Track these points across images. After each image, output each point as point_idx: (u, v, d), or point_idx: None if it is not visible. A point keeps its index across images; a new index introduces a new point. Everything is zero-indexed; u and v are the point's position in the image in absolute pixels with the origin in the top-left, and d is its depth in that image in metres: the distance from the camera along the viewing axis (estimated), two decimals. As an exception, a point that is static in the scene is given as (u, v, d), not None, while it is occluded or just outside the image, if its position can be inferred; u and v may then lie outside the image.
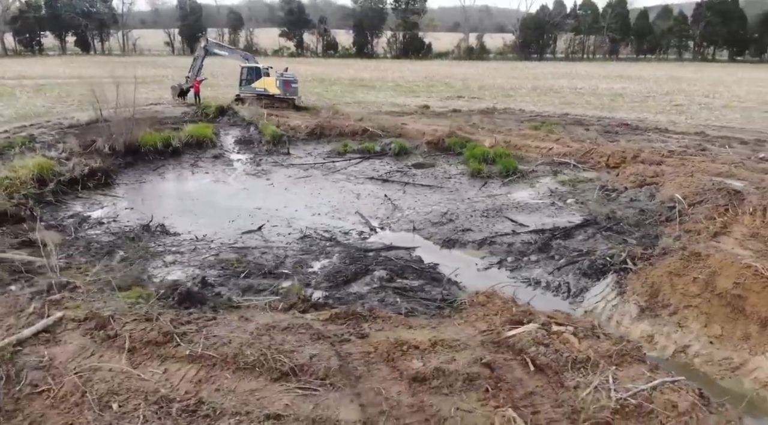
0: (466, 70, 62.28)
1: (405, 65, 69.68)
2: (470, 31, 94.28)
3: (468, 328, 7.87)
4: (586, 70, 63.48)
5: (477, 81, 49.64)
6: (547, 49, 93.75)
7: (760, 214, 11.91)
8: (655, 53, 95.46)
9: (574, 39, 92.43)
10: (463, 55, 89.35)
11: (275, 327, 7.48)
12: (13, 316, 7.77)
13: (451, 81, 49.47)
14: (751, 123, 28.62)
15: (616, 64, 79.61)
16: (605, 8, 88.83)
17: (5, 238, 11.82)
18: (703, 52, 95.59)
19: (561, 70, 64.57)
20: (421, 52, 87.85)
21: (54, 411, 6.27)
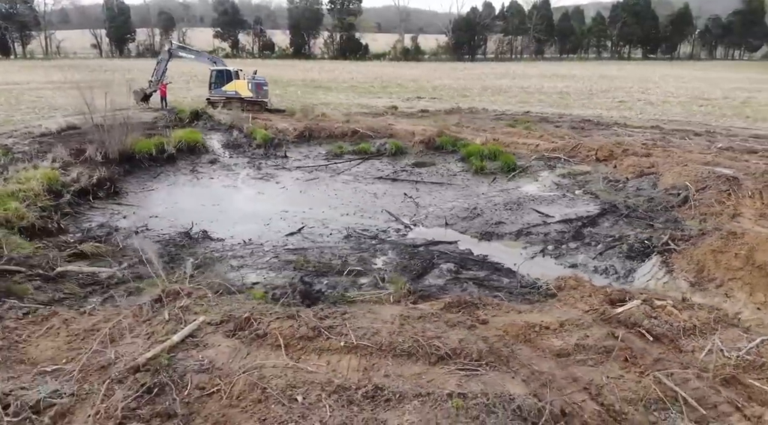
0: (410, 71, 63.58)
1: (349, 66, 70.10)
2: (405, 32, 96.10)
3: (571, 310, 8.66)
4: (522, 70, 66.49)
5: (427, 82, 50.94)
6: (478, 49, 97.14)
7: (759, 197, 13.53)
8: (577, 53, 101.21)
9: (503, 40, 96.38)
10: (400, 55, 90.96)
11: (409, 317, 7.96)
12: (145, 324, 7.79)
13: (403, 82, 50.49)
14: (693, 116, 31.44)
15: (545, 64, 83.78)
16: (530, 10, 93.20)
17: (51, 252, 11.45)
18: (620, 51, 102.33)
19: (499, 70, 67.28)
20: (358, 52, 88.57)
21: (235, 410, 6.46)
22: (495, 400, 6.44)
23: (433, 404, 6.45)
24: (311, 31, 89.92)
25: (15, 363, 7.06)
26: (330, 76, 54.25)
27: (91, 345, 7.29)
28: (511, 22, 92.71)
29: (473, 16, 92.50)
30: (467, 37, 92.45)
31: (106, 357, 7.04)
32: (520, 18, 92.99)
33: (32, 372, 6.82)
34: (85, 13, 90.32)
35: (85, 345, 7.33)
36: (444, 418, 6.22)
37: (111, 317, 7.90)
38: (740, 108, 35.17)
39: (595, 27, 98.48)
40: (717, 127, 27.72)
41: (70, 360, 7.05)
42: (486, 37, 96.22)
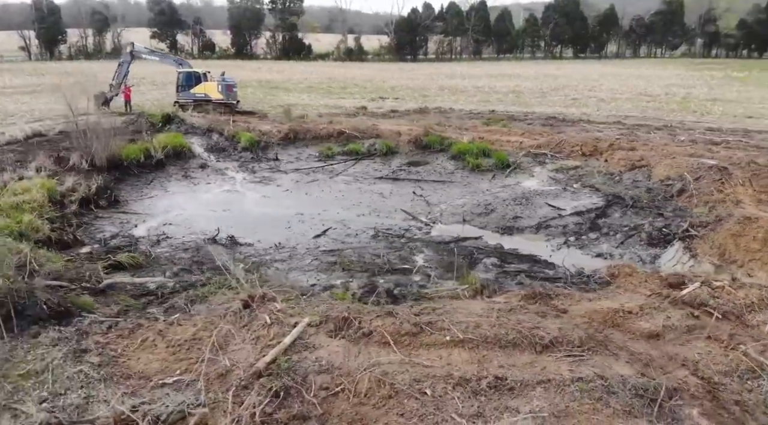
0: (361, 72, 63.78)
1: (298, 66, 69.41)
2: (348, 32, 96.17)
3: (635, 295, 9.23)
4: (468, 71, 68.14)
5: (382, 82, 51.33)
6: (420, 50, 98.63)
7: (749, 184, 14.75)
8: (513, 53, 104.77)
9: (444, 40, 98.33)
10: (344, 56, 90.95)
11: (501, 310, 8.25)
12: (245, 330, 7.68)
13: (358, 82, 50.64)
14: (645, 112, 33.44)
15: (487, 64, 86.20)
16: (468, 11, 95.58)
17: (84, 264, 10.96)
18: (552, 50, 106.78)
19: (446, 71, 68.66)
20: (302, 53, 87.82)
21: (367, 407, 6.55)
22: (611, 381, 6.86)
23: (556, 389, 6.78)
24: (253, 31, 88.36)
25: (123, 379, 6.83)
26: (283, 77, 53.59)
27: (201, 353, 7.14)
28: (451, 23, 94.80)
29: (414, 17, 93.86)
30: (409, 38, 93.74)
31: (221, 364, 6.94)
32: (459, 19, 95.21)
33: (148, 385, 6.63)
34: (8, 12, 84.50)
35: (194, 355, 7.17)
36: (570, 401, 6.55)
37: (207, 326, 7.74)
38: (683, 103, 37.70)
39: (529, 28, 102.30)
40: (671, 121, 29.65)
41: (184, 370, 6.88)
42: (427, 38, 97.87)
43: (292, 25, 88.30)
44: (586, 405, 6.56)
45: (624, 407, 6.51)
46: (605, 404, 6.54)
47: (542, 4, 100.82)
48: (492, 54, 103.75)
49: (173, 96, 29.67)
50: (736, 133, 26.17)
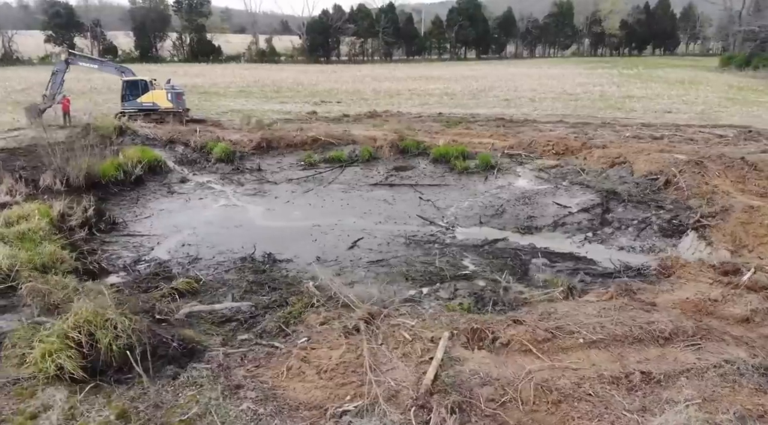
0: (285, 74, 62.57)
1: (216, 69, 66.66)
2: (259, 33, 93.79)
3: (699, 284, 10.12)
4: (389, 73, 69.00)
5: (312, 85, 50.81)
6: (333, 52, 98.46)
7: (725, 176, 16.44)
8: (422, 54, 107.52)
9: (356, 42, 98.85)
10: (255, 57, 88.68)
11: (608, 309, 8.75)
12: (384, 347, 7.58)
13: (289, 85, 49.77)
14: (577, 110, 35.80)
15: (404, 66, 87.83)
16: (378, 13, 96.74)
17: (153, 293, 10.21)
18: (457, 52, 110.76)
19: (369, 73, 69.08)
20: (211, 54, 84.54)
21: (541, 414, 6.77)
22: (737, 364, 7.56)
23: (697, 377, 7.37)
24: (158, 33, 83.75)
25: (293, 411, 6.59)
26: (206, 81, 51.36)
27: (359, 376, 7.00)
28: (361, 25, 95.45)
29: (326, 19, 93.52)
30: (321, 40, 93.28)
31: (385, 385, 6.85)
32: (369, 21, 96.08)
33: (327, 415, 6.42)
34: None
35: (353, 379, 7.00)
36: (713, 387, 7.17)
37: (349, 347, 7.55)
38: (605, 100, 40.76)
39: (435, 30, 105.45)
40: (606, 119, 32.00)
41: (354, 395, 6.72)
42: (339, 40, 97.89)
43: (201, 26, 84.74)
44: (727, 388, 7.21)
45: (755, 385, 7.23)
46: (740, 385, 7.22)
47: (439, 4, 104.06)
48: (402, 56, 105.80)
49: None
50: (668, 127, 28.79)
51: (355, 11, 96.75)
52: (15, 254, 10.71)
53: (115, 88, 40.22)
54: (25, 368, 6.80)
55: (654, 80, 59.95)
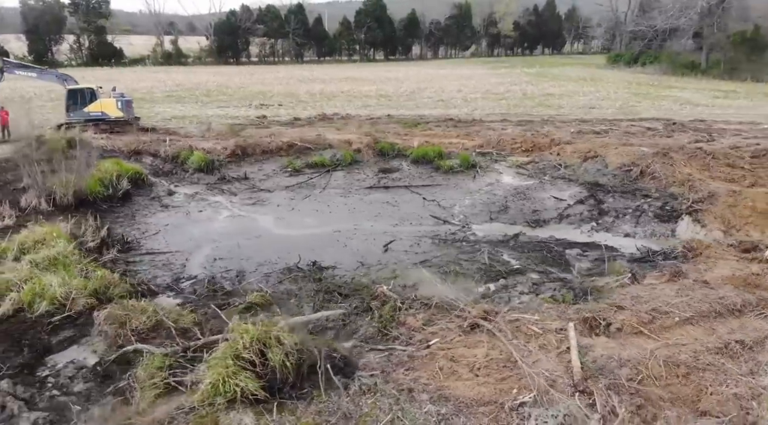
0: (206, 77, 60.02)
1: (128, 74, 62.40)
2: (164, 34, 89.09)
3: (728, 261, 11.48)
4: (311, 74, 68.44)
5: (239, 88, 49.41)
6: (242, 53, 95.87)
7: (690, 165, 18.42)
8: (333, 56, 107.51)
9: (266, 43, 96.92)
10: (161, 60, 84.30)
11: (682, 289, 9.76)
12: (517, 341, 8.03)
13: (217, 88, 48.05)
14: (512, 109, 37.86)
15: (318, 67, 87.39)
16: (287, 14, 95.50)
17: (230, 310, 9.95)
18: (366, 53, 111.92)
19: (288, 74, 68.08)
20: (113, 58, 79.22)
21: (676, 386, 7.56)
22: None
23: (782, 342, 8.54)
24: (53, 36, 77.13)
25: (469, 407, 6.88)
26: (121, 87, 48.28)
27: (513, 371, 7.41)
28: (271, 25, 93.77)
29: (234, 19, 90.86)
30: (230, 41, 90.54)
31: (543, 376, 7.31)
32: (278, 22, 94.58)
33: (506, 408, 6.79)
34: None
35: (507, 373, 7.39)
36: (794, 348, 8.36)
37: (492, 346, 7.91)
38: (531, 99, 43.37)
39: (344, 31, 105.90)
40: (543, 115, 34.17)
41: (520, 388, 7.12)
42: (248, 41, 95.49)
43: (100, 28, 79.04)
44: (806, 349, 8.43)
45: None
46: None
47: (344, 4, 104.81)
48: (313, 57, 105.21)
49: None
50: (603, 123, 31.31)
51: (264, 12, 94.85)
52: (67, 281, 9.99)
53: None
54: (197, 395, 6.55)
55: (559, 78, 64.34)
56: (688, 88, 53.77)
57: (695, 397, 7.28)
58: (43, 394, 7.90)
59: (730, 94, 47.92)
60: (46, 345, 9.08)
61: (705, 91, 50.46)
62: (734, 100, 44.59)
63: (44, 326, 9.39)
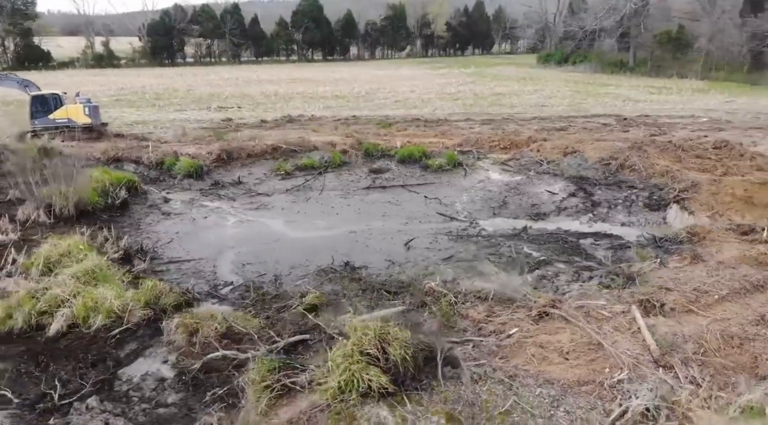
0: (149, 80, 57.75)
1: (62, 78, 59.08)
2: (95, 35, 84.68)
3: (732, 244, 12.63)
4: (256, 75, 67.35)
5: (187, 90, 48.05)
6: (178, 54, 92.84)
7: (662, 156, 19.87)
8: (271, 56, 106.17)
9: (202, 44, 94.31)
10: (92, 62, 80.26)
11: (712, 270, 10.73)
12: (591, 326, 8.64)
13: (167, 91, 46.50)
14: (470, 108, 39.05)
15: (259, 67, 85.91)
16: (223, 14, 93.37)
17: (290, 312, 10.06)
18: (305, 54, 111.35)
19: (232, 75, 66.67)
20: (41, 61, 74.67)
21: (735, 357, 8.44)
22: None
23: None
24: (-28, 38, 71.92)
25: (572, 388, 7.40)
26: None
27: (600, 353, 8.01)
28: (207, 26, 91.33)
29: (167, 20, 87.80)
30: (165, 41, 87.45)
31: (629, 355, 7.96)
32: (214, 22, 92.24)
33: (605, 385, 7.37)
34: None
35: (594, 355, 7.98)
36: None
37: (572, 331, 8.46)
38: (483, 99, 44.85)
39: (281, 31, 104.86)
40: (504, 114, 35.53)
41: (610, 367, 7.72)
42: (183, 41, 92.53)
43: (27, 30, 74.26)
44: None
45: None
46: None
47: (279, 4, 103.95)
48: (251, 57, 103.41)
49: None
50: (561, 120, 33.00)
51: (199, 11, 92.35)
52: (122, 293, 9.77)
53: None
54: (329, 392, 6.71)
55: (500, 78, 66.68)
56: (623, 86, 57.17)
57: (752, 364, 8.11)
58: (132, 408, 7.79)
59: (663, 91, 51.43)
60: (115, 359, 8.89)
61: (640, 88, 53.87)
62: (668, 96, 47.90)
63: (105, 340, 9.17)
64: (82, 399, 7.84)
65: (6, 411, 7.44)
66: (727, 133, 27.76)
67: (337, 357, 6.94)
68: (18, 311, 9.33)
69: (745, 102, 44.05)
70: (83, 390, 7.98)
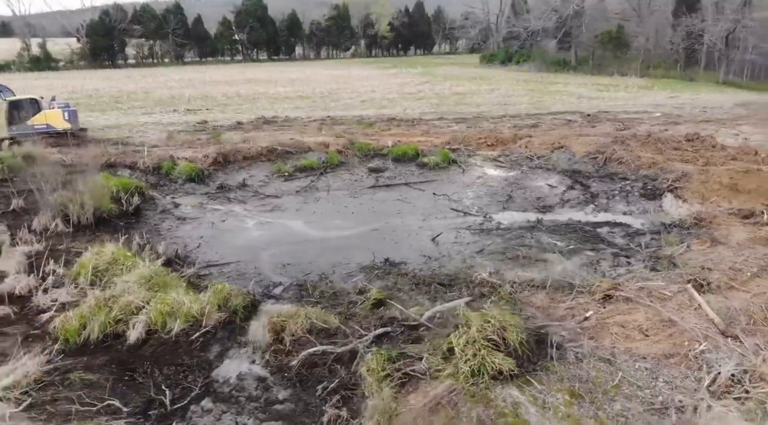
0: (99, 83, 55.30)
1: None
2: (31, 36, 79.94)
3: (738, 227, 13.84)
4: (209, 77, 65.79)
5: (144, 93, 46.53)
6: (119, 55, 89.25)
7: (645, 149, 21.24)
8: (215, 56, 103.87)
9: (144, 44, 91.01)
10: (28, 65, 75.94)
11: (736, 250, 11.77)
12: (659, 308, 9.41)
13: (123, 94, 44.78)
14: (439, 108, 39.89)
15: (205, 67, 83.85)
16: (165, 14, 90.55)
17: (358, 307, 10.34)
18: (250, 54, 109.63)
19: (180, 76, 64.85)
20: (-31, 64, 70.09)
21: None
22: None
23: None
24: None
25: (661, 360, 8.10)
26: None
27: (673, 329, 8.76)
28: (149, 26, 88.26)
29: (107, 20, 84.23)
30: (105, 42, 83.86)
31: (698, 329, 8.75)
32: (156, 22, 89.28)
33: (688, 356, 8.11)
34: None
35: (670, 330, 8.72)
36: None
37: (645, 310, 9.18)
38: (444, 98, 45.86)
39: (226, 32, 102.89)
40: (473, 113, 36.56)
41: (689, 339, 8.48)
42: (125, 42, 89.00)
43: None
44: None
45: None
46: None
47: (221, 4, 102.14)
48: (194, 58, 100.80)
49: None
50: (530, 117, 34.36)
51: (140, 11, 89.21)
52: (197, 298, 9.77)
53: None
54: (461, 377, 7.10)
55: (452, 78, 68.00)
56: (571, 84, 59.74)
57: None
58: (244, 408, 7.90)
59: (611, 88, 54.22)
60: (205, 361, 8.92)
61: (588, 86, 56.51)
62: (616, 93, 50.56)
63: (189, 344, 9.17)
64: (194, 402, 7.89)
65: (120, 420, 7.38)
66: (684, 126, 29.82)
67: (460, 345, 7.32)
68: (93, 321, 9.16)
69: (688, 97, 47.20)
70: (192, 393, 8.01)
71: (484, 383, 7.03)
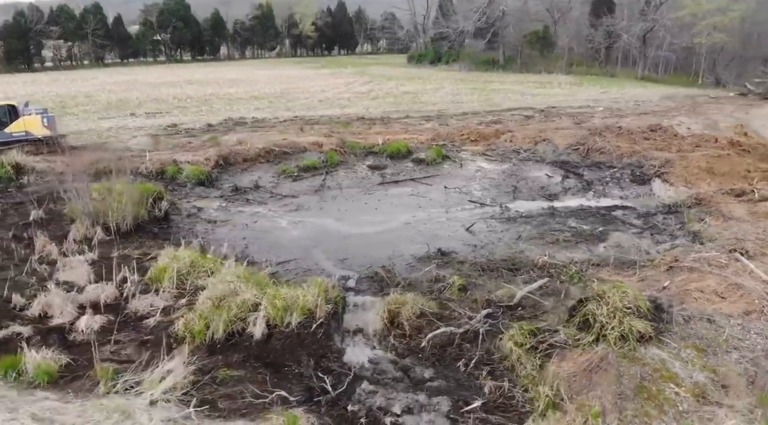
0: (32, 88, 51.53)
1: None
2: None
3: (736, 205, 15.72)
4: (144, 78, 62.89)
5: (87, 97, 44.01)
6: (36, 57, 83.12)
7: (622, 140, 23.23)
8: (138, 57, 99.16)
9: (62, 46, 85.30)
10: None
11: (752, 224, 13.47)
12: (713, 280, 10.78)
13: (67, 99, 42.13)
14: (400, 107, 40.80)
15: (128, 69, 79.84)
16: (84, 14, 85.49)
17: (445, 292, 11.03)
18: (173, 54, 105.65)
19: (109, 79, 61.69)
20: None
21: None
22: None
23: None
24: None
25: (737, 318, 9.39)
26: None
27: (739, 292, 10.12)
28: (67, 27, 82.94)
29: (22, 21, 78.25)
30: (21, 45, 77.86)
31: (757, 292, 10.16)
32: (75, 23, 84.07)
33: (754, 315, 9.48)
34: None
35: (738, 293, 10.07)
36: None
37: (713, 278, 10.48)
38: (399, 97, 46.88)
39: (147, 32, 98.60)
40: (434, 111, 37.75)
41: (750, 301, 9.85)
42: (41, 44, 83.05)
43: None
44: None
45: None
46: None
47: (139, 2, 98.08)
48: (115, 59, 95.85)
49: None
50: (490, 114, 36.00)
51: (57, 12, 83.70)
52: (306, 292, 10.07)
53: None
54: (611, 341, 8.02)
55: (393, 78, 68.95)
56: (507, 82, 62.53)
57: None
58: (396, 387, 8.42)
59: (546, 85, 57.37)
60: (335, 350, 9.33)
61: (524, 84, 59.45)
62: (551, 90, 53.60)
63: (312, 336, 9.51)
64: (349, 386, 8.32)
65: (297, 408, 7.67)
66: (629, 119, 32.32)
67: (604, 313, 8.24)
68: (216, 321, 9.30)
69: (616, 92, 50.89)
70: (347, 378, 8.43)
71: (629, 345, 7.97)
